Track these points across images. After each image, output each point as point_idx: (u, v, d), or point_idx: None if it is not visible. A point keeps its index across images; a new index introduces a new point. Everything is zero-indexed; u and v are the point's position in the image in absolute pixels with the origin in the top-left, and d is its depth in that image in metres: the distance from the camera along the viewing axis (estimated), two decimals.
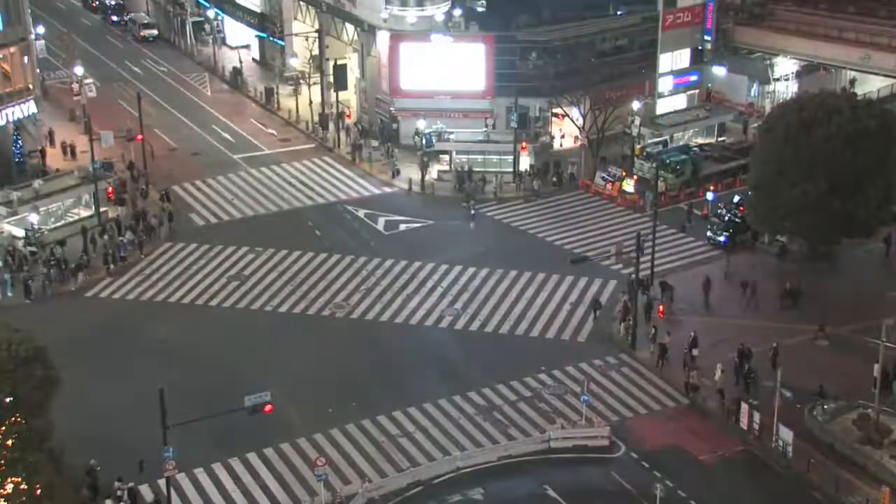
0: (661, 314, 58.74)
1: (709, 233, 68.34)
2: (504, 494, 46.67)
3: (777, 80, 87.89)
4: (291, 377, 53.96)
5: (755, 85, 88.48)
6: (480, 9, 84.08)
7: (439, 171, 77.95)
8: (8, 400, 36.53)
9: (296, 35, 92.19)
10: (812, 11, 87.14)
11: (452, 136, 79.37)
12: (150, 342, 57.63)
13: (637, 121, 76.78)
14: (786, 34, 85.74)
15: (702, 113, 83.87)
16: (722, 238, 67.42)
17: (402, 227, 71.08)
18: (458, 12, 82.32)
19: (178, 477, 46.19)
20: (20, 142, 75.75)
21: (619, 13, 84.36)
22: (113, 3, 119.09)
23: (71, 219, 69.84)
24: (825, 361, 54.73)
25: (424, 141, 77.14)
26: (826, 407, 50.43)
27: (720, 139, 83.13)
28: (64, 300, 62.24)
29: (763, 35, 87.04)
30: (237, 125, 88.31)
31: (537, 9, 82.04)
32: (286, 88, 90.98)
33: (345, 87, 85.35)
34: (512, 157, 77.19)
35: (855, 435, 48.45)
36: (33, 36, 79.35)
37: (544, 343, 57.91)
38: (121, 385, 53.22)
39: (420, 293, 62.87)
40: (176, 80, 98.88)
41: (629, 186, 74.33)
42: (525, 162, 77.74)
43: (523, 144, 76.95)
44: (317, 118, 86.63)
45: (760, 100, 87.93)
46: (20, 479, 36.81)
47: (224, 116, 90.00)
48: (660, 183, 68.61)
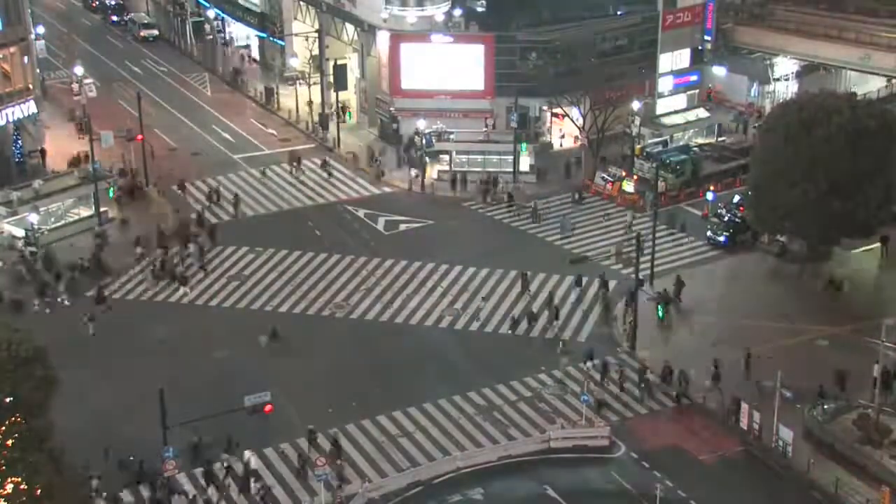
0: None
1: (709, 233, 68.34)
2: (504, 494, 46.69)
3: (777, 80, 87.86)
4: (291, 377, 53.99)
5: (755, 85, 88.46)
6: (480, 9, 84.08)
7: (439, 171, 77.94)
8: (8, 400, 36.49)
9: (296, 35, 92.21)
10: (812, 11, 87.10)
11: (452, 136, 79.41)
12: (151, 342, 57.57)
13: (637, 121, 76.82)
14: (786, 34, 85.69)
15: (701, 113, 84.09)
16: (722, 238, 67.44)
17: (402, 227, 71.05)
18: (458, 12, 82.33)
19: (179, 477, 46.28)
20: (20, 142, 75.78)
21: (619, 13, 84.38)
22: (113, 3, 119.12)
23: (71, 219, 69.95)
24: (825, 361, 54.79)
25: (424, 141, 77.10)
26: (826, 407, 50.42)
27: (720, 139, 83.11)
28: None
29: (763, 35, 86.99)
30: (237, 125, 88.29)
31: (537, 9, 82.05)
32: (285, 88, 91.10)
33: (345, 87, 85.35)
34: (512, 157, 77.27)
35: (855, 435, 48.46)
36: (33, 36, 79.38)
37: (544, 343, 57.91)
38: (121, 385, 53.23)
39: (420, 293, 62.87)
40: (176, 80, 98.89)
41: (629, 186, 74.31)
42: (525, 162, 77.72)
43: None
44: (317, 118, 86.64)
45: (760, 100, 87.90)
46: (20, 479, 36.76)
47: (224, 116, 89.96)
48: (660, 183, 68.65)
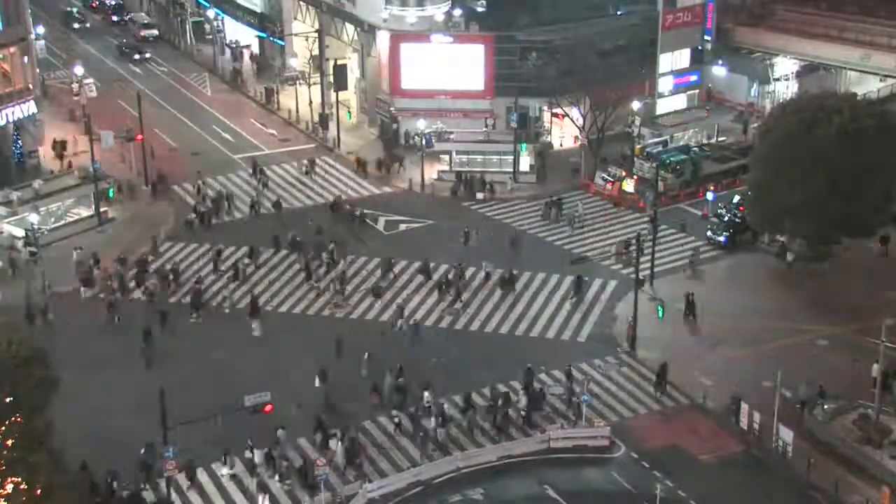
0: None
1: (709, 233, 68.33)
2: (504, 494, 46.66)
3: (777, 80, 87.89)
4: (291, 377, 53.97)
5: (755, 85, 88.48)
6: (480, 9, 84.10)
7: (439, 171, 77.91)
8: (8, 400, 36.49)
9: (296, 35, 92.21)
10: (812, 11, 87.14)
11: (452, 136, 79.41)
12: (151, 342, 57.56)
13: (637, 121, 76.81)
14: (786, 34, 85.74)
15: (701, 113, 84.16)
16: (722, 238, 67.44)
17: (402, 227, 71.02)
18: (458, 12, 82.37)
19: (178, 477, 46.27)
20: (20, 142, 75.76)
21: (619, 13, 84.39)
22: (113, 3, 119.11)
23: (71, 218, 69.98)
24: (825, 361, 54.78)
25: (424, 141, 77.11)
26: (826, 407, 50.41)
27: (720, 139, 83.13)
28: (64, 300, 62.12)
29: (763, 35, 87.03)
30: (237, 125, 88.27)
31: (537, 9, 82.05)
32: (285, 88, 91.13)
33: (345, 87, 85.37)
34: (512, 157, 77.28)
35: (855, 435, 48.46)
36: (33, 36, 79.33)
37: (544, 343, 57.88)
38: (121, 385, 53.20)
39: (420, 293, 62.86)
40: (176, 80, 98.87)
41: (629, 186, 74.30)
42: (525, 162, 77.70)
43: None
44: (317, 118, 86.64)
45: (760, 100, 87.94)
46: (20, 479, 36.77)
47: (224, 116, 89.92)
48: (660, 183, 68.64)
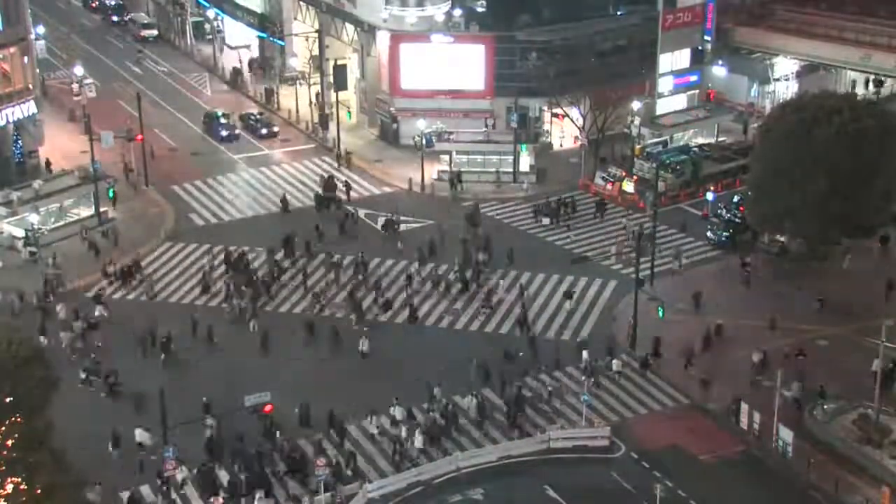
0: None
1: (709, 233, 68.33)
2: (504, 494, 46.65)
3: (777, 80, 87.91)
4: (291, 377, 53.97)
5: (755, 85, 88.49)
6: (480, 9, 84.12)
7: (439, 171, 77.90)
8: (8, 400, 36.50)
9: (296, 35, 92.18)
10: (812, 11, 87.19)
11: (452, 136, 79.39)
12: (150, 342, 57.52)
13: (637, 121, 76.79)
14: (786, 34, 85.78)
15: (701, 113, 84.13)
16: (722, 238, 67.40)
17: (402, 227, 71.01)
18: (458, 12, 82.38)
19: (178, 477, 46.29)
20: (20, 142, 75.75)
21: (619, 13, 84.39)
22: (113, 3, 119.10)
23: (71, 218, 70.00)
24: (825, 361, 54.80)
25: (424, 141, 77.08)
26: (826, 407, 50.41)
27: (720, 139, 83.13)
28: (64, 300, 62.08)
29: (763, 35, 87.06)
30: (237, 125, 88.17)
31: (537, 9, 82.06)
32: (285, 88, 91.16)
33: (345, 87, 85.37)
34: (512, 157, 77.26)
35: (855, 435, 48.46)
36: (33, 36, 79.30)
37: (545, 343, 57.87)
38: (120, 385, 53.18)
39: (420, 293, 62.84)
40: (176, 80, 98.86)
41: (629, 186, 74.30)
42: (525, 162, 77.68)
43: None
44: (317, 118, 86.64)
45: (760, 100, 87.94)
46: (20, 479, 36.79)
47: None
48: (660, 183, 68.63)
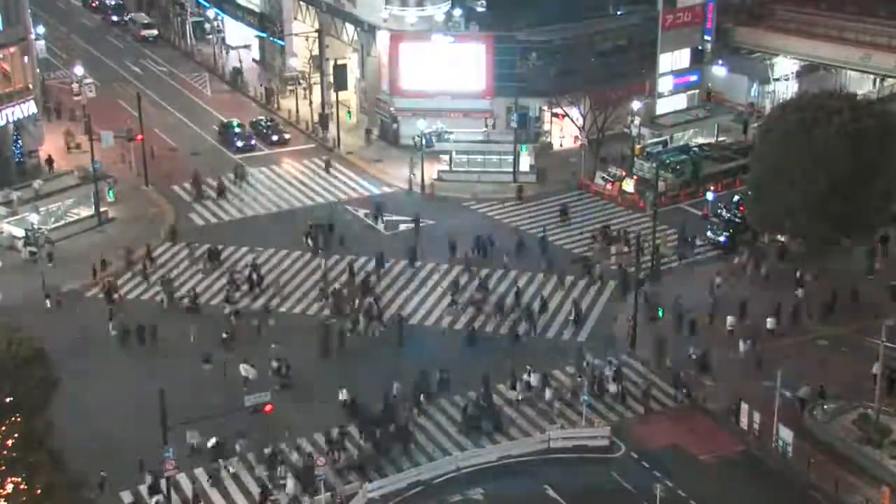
0: None
1: (709, 233, 68.33)
2: (504, 494, 46.64)
3: (777, 80, 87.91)
4: (292, 377, 53.92)
5: (755, 85, 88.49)
6: (480, 9, 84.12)
7: (439, 171, 77.88)
8: (8, 400, 36.49)
9: (296, 35, 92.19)
10: (812, 11, 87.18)
11: (452, 136, 79.40)
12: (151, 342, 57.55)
13: (637, 121, 76.79)
14: (786, 34, 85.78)
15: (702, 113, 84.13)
16: (722, 238, 67.43)
17: (402, 227, 71.01)
18: (458, 12, 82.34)
19: (179, 477, 46.25)
20: (20, 142, 75.75)
21: (619, 13, 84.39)
22: (113, 3, 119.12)
23: (71, 218, 70.00)
24: (825, 361, 54.79)
25: (424, 141, 77.10)
26: (826, 407, 50.40)
27: (720, 139, 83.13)
28: (64, 300, 62.12)
29: (763, 35, 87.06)
30: None
31: (537, 9, 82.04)
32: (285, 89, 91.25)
33: (345, 87, 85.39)
34: (512, 157, 77.26)
35: (855, 435, 48.45)
36: (33, 36, 79.33)
37: (545, 343, 57.86)
38: (121, 385, 53.20)
39: (420, 293, 62.85)
40: (176, 80, 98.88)
41: (629, 186, 74.30)
42: (525, 162, 77.67)
43: None
44: (317, 118, 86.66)
45: (760, 100, 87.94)
46: (20, 479, 36.77)
47: (224, 116, 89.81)
48: (660, 183, 68.63)
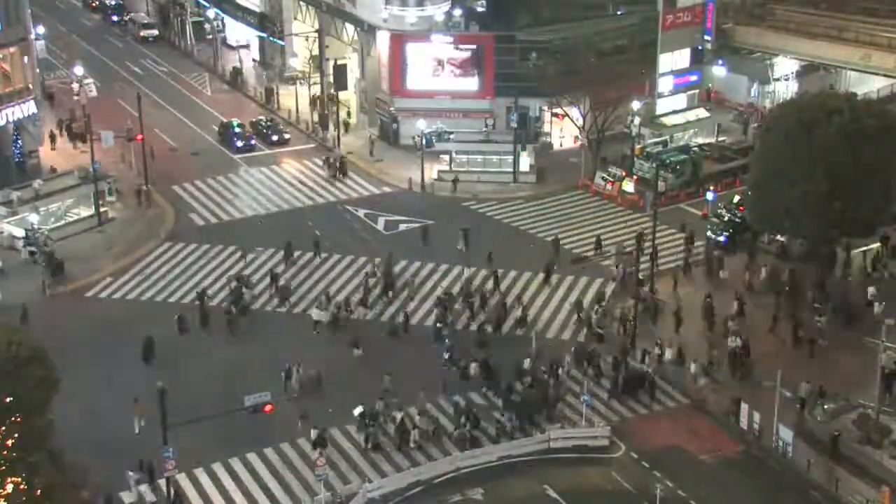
0: None
1: (709, 233, 68.31)
2: (504, 494, 46.66)
3: (777, 80, 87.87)
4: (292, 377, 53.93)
5: (755, 85, 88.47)
6: (480, 9, 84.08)
7: (439, 171, 77.88)
8: (8, 400, 36.52)
9: (296, 35, 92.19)
10: (812, 11, 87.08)
11: (452, 136, 79.39)
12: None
13: (637, 121, 76.77)
14: (786, 34, 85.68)
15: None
16: (722, 238, 67.42)
17: (402, 227, 71.02)
18: (458, 12, 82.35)
19: (179, 477, 46.25)
20: (20, 142, 75.77)
21: (619, 13, 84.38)
22: (113, 3, 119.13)
23: (71, 218, 70.01)
24: (825, 361, 54.79)
25: (424, 141, 77.10)
26: (826, 407, 50.38)
27: (720, 139, 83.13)
28: (64, 300, 62.13)
29: (763, 35, 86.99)
30: None
31: (537, 9, 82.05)
32: (285, 88, 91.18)
33: (345, 87, 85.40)
34: (512, 157, 77.25)
35: (855, 435, 48.43)
36: (33, 36, 79.35)
37: (544, 343, 57.86)
38: (121, 385, 53.16)
39: (420, 293, 62.84)
40: (176, 80, 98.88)
41: (629, 186, 74.30)
42: (525, 162, 77.66)
43: None
44: (317, 118, 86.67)
45: (760, 100, 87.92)
46: (20, 479, 36.81)
47: (224, 116, 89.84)
48: (660, 183, 68.62)
